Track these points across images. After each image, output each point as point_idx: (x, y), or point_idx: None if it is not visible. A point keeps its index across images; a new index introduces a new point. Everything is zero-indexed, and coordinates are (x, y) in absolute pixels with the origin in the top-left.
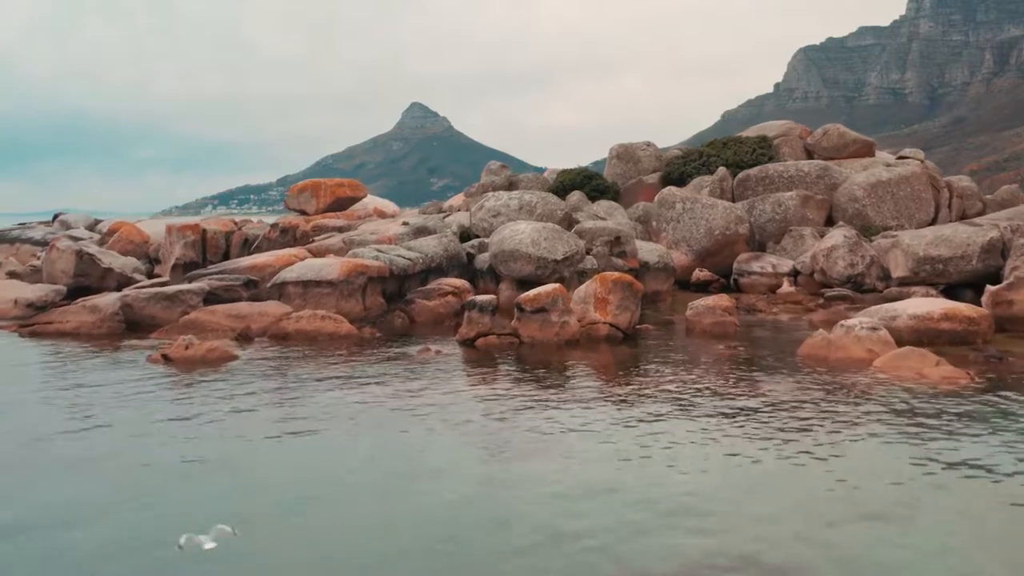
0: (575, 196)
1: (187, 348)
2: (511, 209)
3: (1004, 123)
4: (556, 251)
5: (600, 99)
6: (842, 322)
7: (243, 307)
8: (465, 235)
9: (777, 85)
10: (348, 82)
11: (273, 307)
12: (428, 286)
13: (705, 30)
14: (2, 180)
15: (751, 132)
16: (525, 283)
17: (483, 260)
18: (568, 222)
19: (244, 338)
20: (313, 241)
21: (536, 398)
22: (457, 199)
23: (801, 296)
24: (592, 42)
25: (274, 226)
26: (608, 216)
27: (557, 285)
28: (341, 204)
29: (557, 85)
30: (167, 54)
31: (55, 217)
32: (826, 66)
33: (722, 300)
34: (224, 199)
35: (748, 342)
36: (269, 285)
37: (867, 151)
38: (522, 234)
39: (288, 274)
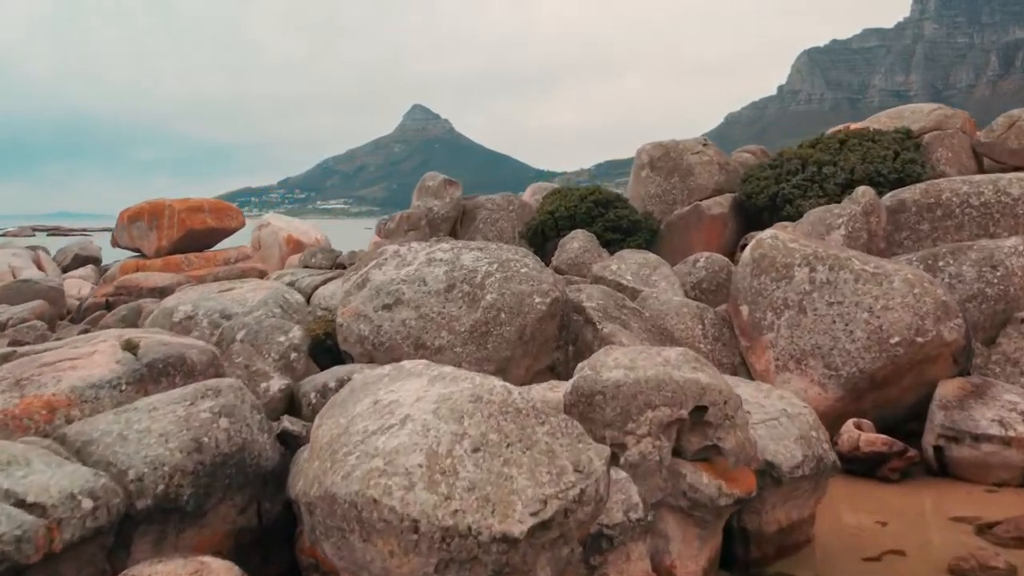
0: (576, 244)
1: None
2: (428, 291)
3: None
4: (508, 511)
5: (602, 100)
6: None
7: None
8: (329, 341)
9: (780, 87)
10: (349, 83)
11: None
12: None
13: (707, 31)
14: (9, 182)
15: (878, 120)
16: None
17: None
18: (560, 322)
19: None
20: None
21: None
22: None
23: None
24: (593, 43)
25: None
26: (646, 285)
27: None
28: (200, 239)
29: (559, 86)
30: (168, 54)
31: None
32: (830, 68)
33: None
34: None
35: None
36: None
37: None
38: (401, 433)
39: None
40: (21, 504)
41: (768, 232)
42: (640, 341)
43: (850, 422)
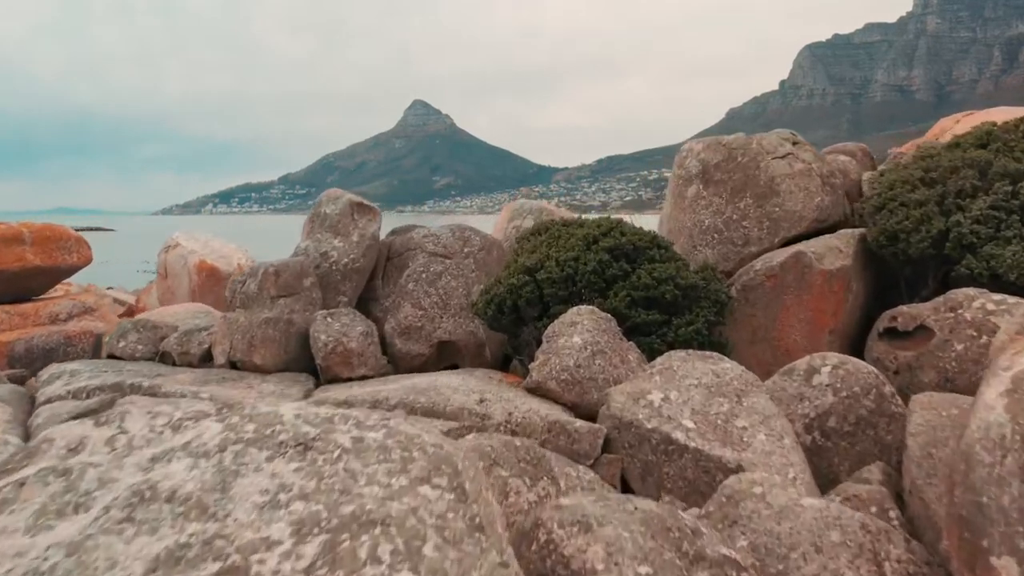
0: (578, 339)
1: None
2: None
3: None
4: None
5: (604, 98)
6: None
7: None
8: None
9: (783, 82)
10: (352, 82)
11: None
12: None
13: (710, 29)
14: (10, 179)
15: None
16: None
17: None
18: None
19: None
20: None
21: None
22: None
23: None
24: (596, 42)
25: None
26: (725, 440)
27: None
28: (18, 283)
29: (561, 84)
30: (172, 53)
31: None
32: (832, 63)
33: None
34: (225, 197)
35: None
36: None
37: None
38: None
39: None
40: None
41: None
42: None
43: None
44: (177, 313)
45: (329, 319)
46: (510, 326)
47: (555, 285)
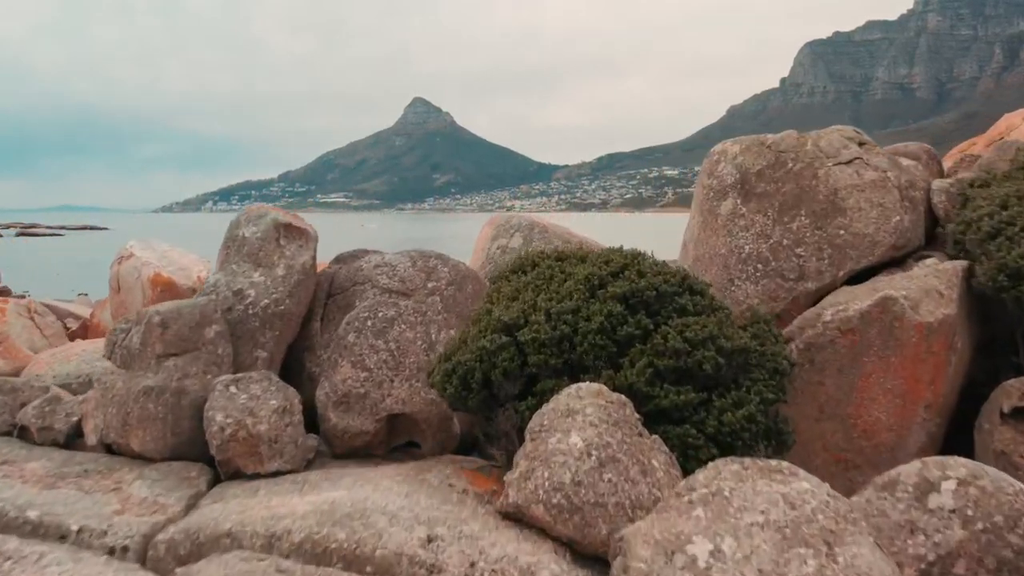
0: (579, 441)
1: None
2: None
3: None
4: None
5: (604, 96)
6: None
7: None
8: None
9: (783, 80)
10: (353, 81)
11: None
12: None
13: (710, 29)
14: (11, 178)
15: None
16: None
17: None
18: None
19: None
20: None
21: None
22: None
23: None
24: (596, 41)
25: None
26: None
27: None
28: None
29: (561, 83)
30: (173, 52)
31: None
32: (833, 61)
33: None
34: (225, 195)
35: None
36: None
37: None
38: None
39: None
40: None
41: None
42: None
43: None
44: (83, 353)
45: (233, 389)
46: (480, 407)
47: (544, 350)
